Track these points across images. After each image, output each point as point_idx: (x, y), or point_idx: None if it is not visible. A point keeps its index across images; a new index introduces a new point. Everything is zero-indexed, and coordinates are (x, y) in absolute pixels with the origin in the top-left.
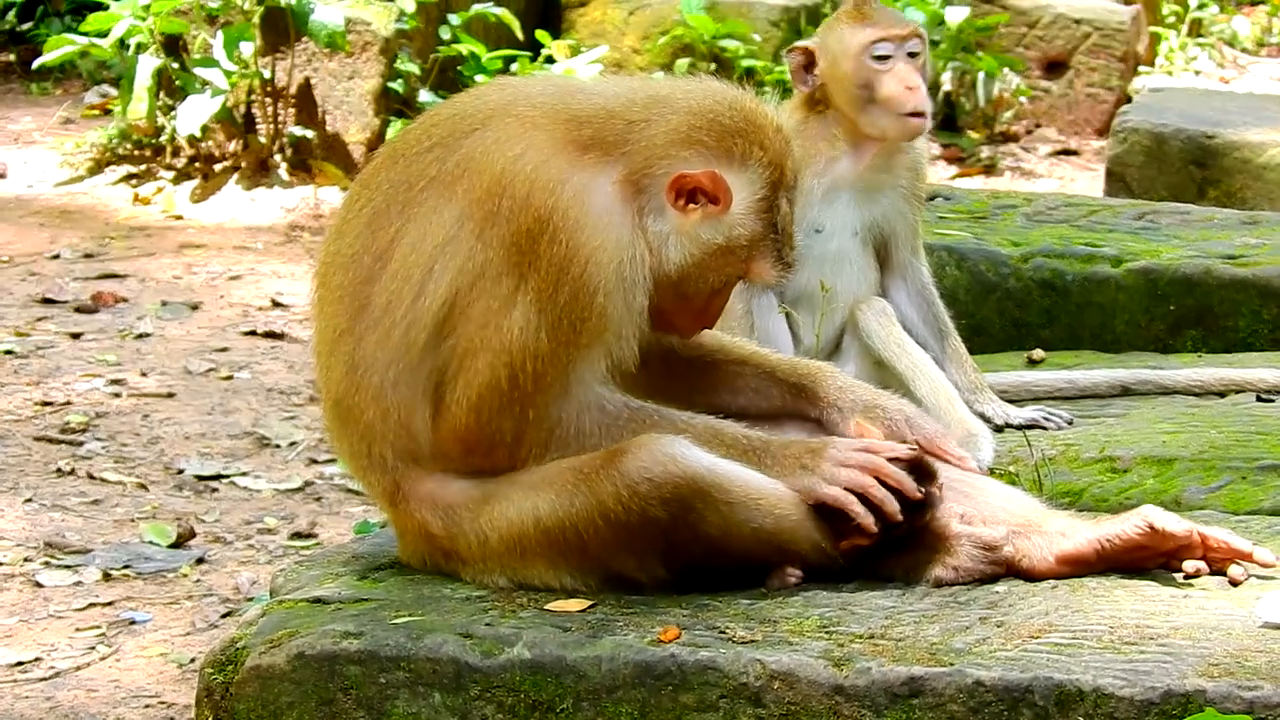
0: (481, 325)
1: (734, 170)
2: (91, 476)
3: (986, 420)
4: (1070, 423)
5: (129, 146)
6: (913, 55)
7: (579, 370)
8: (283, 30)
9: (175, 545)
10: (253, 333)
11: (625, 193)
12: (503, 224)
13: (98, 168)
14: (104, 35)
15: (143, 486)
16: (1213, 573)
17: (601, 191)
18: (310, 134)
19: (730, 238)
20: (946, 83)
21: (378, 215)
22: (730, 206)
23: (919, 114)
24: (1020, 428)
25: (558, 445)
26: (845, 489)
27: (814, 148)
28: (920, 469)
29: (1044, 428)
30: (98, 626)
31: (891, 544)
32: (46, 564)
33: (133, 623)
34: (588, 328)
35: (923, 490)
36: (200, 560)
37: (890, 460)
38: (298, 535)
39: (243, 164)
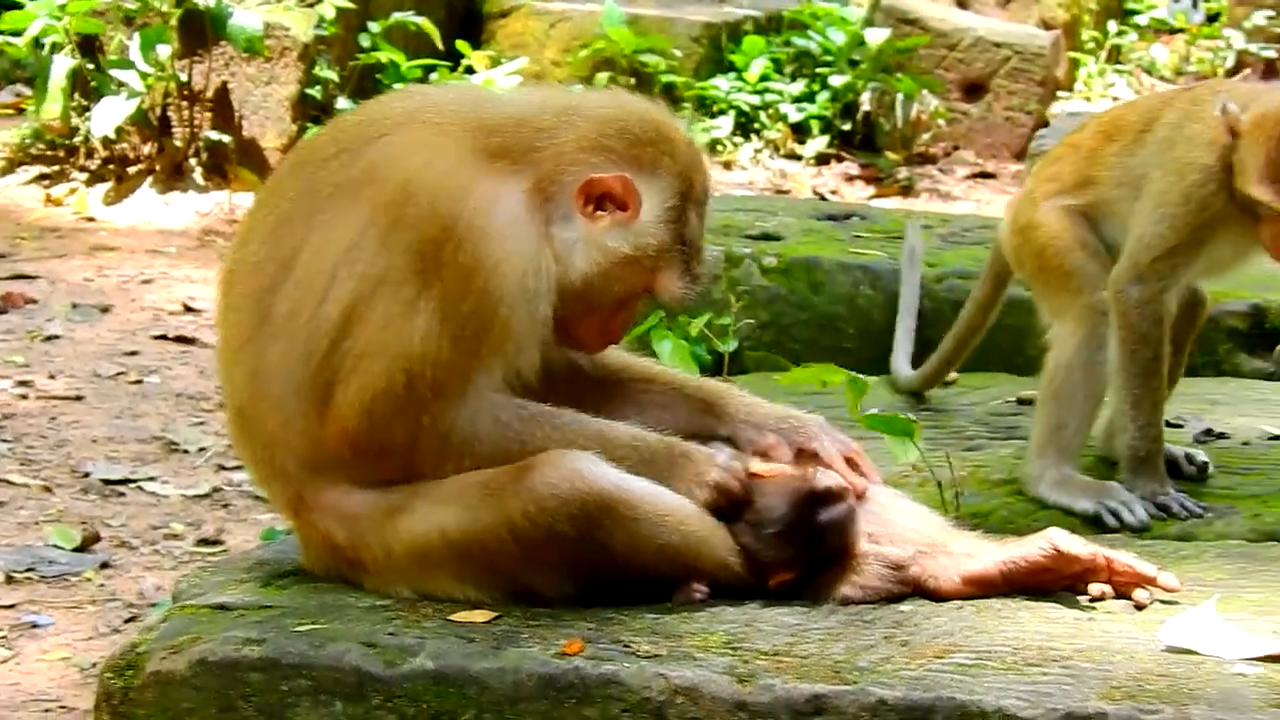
0: (381, 329)
1: (644, 178)
2: None
3: None
4: None
5: (42, 147)
6: None
7: (478, 379)
8: (200, 33)
9: (80, 549)
10: (163, 337)
11: (533, 201)
12: (407, 231)
13: (10, 167)
14: (19, 34)
15: (48, 489)
16: (1117, 596)
17: (509, 200)
18: (226, 138)
19: (638, 246)
20: (865, 103)
21: (283, 223)
22: (639, 214)
23: None
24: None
25: (452, 451)
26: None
27: (1213, 189)
28: (829, 495)
29: None
30: None
31: (816, 569)
32: None
33: (35, 626)
34: (490, 338)
35: (827, 517)
36: (105, 565)
37: (808, 490)
38: (204, 542)
39: (157, 167)
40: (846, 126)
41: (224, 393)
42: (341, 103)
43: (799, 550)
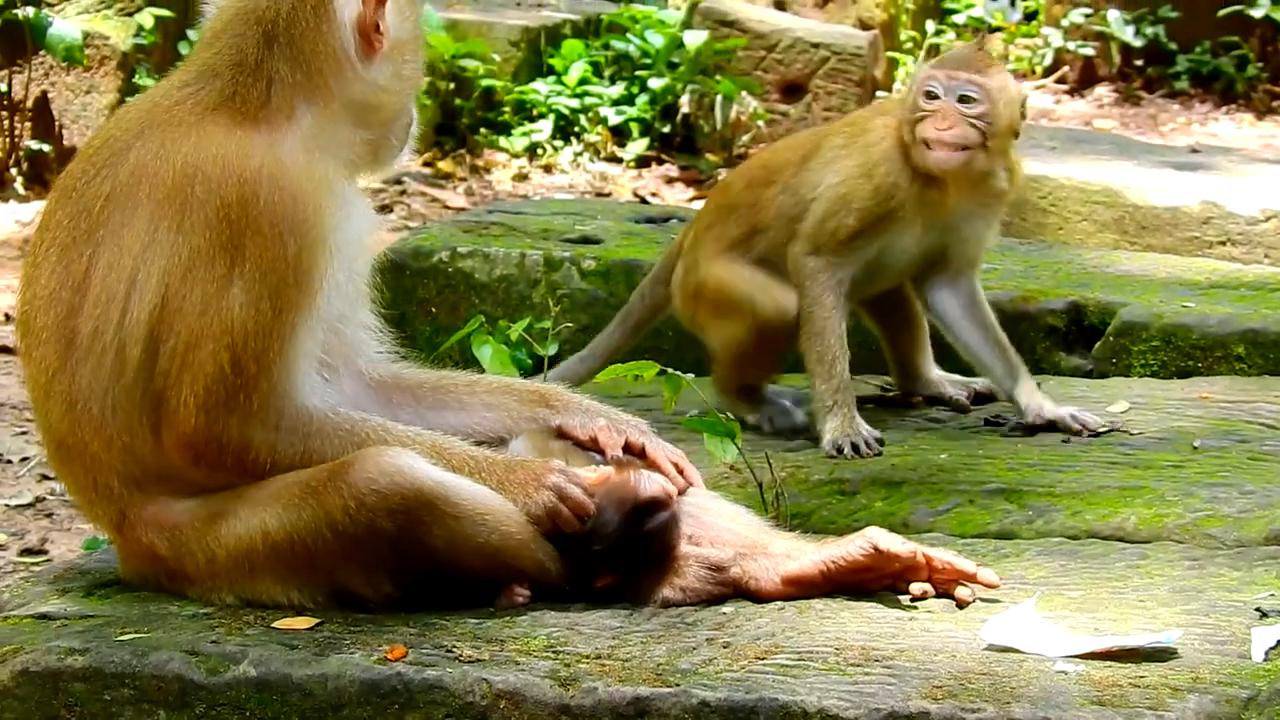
0: (201, 313)
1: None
2: None
3: (1021, 410)
4: (1099, 432)
5: None
6: (965, 99)
7: (301, 340)
8: (19, 43)
9: None
10: None
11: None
12: (201, 209)
13: None
14: None
15: None
16: (939, 595)
17: (288, 143)
18: (47, 148)
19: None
20: (685, 106)
21: (66, 250)
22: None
23: (945, 150)
24: (1050, 422)
25: (285, 447)
26: (546, 513)
27: (899, 176)
28: (654, 503)
29: (1072, 429)
30: None
31: (637, 572)
32: None
33: None
34: (316, 274)
35: (653, 524)
36: None
37: (633, 503)
38: (28, 551)
39: None
40: (666, 129)
41: (41, 430)
42: None
43: (626, 557)
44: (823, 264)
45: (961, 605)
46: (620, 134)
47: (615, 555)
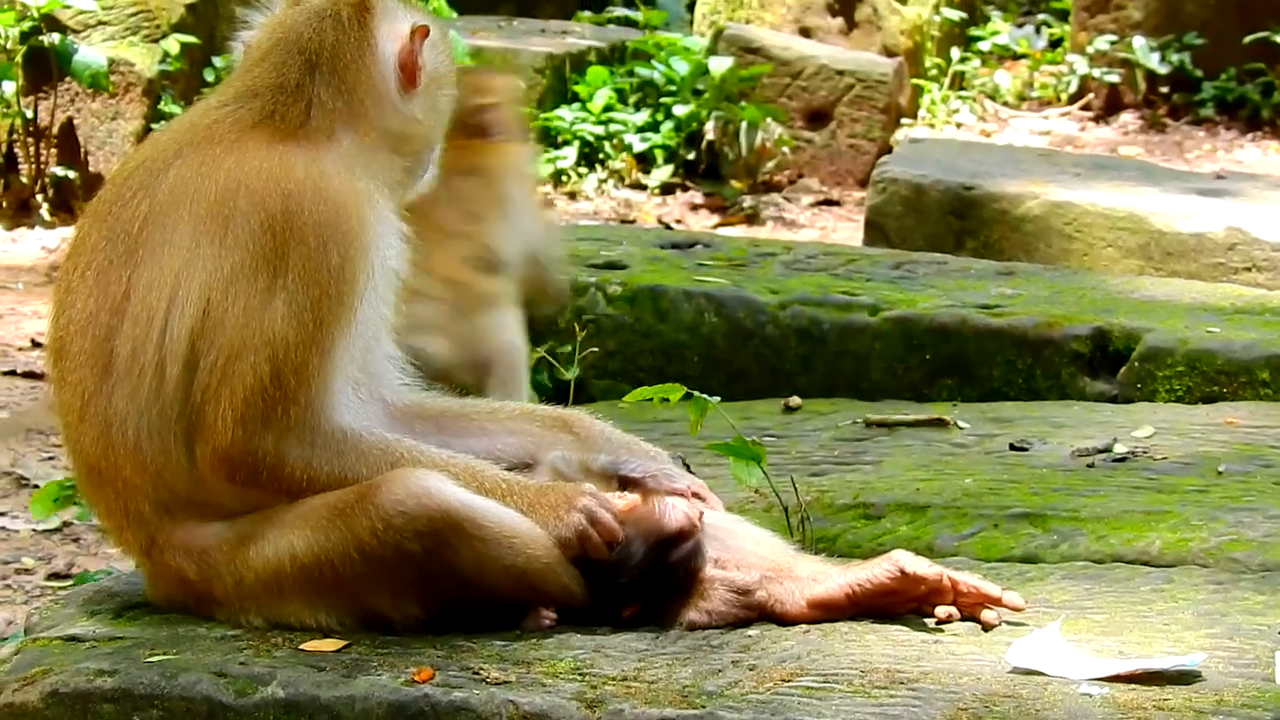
0: (243, 325)
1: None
2: None
3: None
4: None
5: None
6: None
7: (339, 355)
8: (45, 70)
9: None
10: (12, 373)
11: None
12: (244, 223)
13: None
14: None
15: None
16: (964, 618)
17: (330, 158)
18: (73, 174)
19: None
20: (709, 132)
21: (103, 273)
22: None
23: None
24: None
25: (320, 464)
26: (576, 536)
27: None
28: (680, 535)
29: None
30: None
31: (663, 596)
32: None
33: None
34: (358, 287)
35: (677, 555)
36: None
37: (659, 536)
38: (55, 576)
39: (3, 204)
40: (691, 156)
41: (71, 455)
42: None
43: (651, 587)
44: None
45: (987, 628)
46: (645, 161)
47: (640, 586)
